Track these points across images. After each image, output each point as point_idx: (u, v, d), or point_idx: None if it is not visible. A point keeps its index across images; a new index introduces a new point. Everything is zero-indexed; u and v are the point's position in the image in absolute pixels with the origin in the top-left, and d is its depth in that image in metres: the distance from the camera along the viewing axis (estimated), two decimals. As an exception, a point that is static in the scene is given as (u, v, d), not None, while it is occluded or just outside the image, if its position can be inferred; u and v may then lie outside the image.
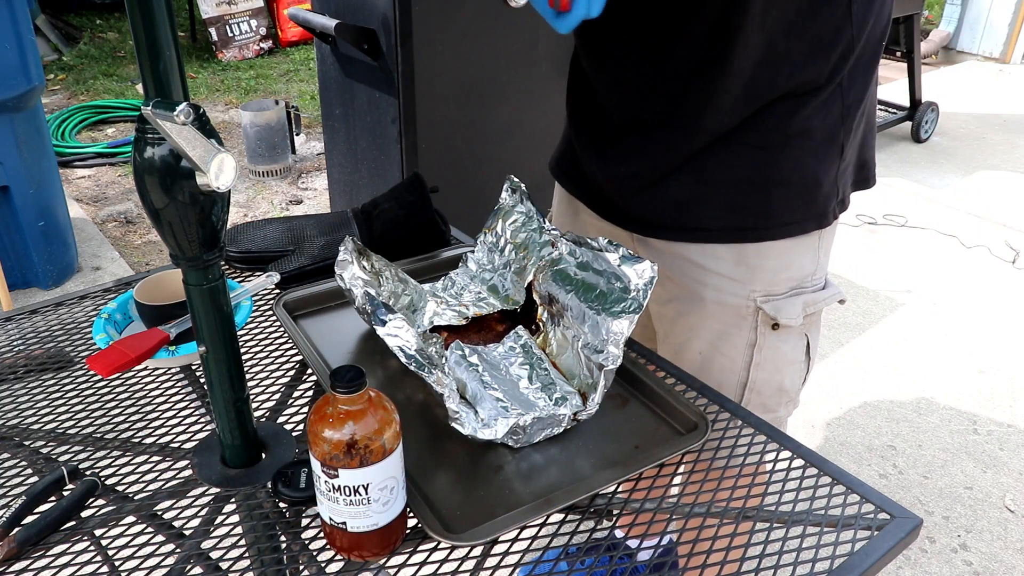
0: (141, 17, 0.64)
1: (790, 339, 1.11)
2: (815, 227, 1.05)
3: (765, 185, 1.01)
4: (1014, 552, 1.95)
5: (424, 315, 1.08)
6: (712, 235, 1.05)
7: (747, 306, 1.08)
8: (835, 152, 1.02)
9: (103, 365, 0.79)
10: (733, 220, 1.04)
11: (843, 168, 1.04)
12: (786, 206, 1.03)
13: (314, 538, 0.77)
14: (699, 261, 1.07)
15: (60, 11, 6.35)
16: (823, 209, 1.05)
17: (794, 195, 1.02)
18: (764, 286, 1.07)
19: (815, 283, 1.10)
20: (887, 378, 2.58)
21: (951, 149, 4.43)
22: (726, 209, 1.03)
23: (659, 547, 0.80)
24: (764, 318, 1.08)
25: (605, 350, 0.89)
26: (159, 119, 0.63)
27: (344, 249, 1.04)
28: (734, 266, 1.06)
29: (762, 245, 1.05)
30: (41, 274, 2.85)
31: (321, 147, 4.11)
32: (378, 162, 2.42)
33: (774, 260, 1.06)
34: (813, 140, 1.00)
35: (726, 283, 1.07)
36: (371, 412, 0.69)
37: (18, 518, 0.77)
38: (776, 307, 1.07)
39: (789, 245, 1.05)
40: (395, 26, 2.10)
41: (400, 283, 1.10)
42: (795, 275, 1.08)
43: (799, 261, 1.07)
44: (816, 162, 1.01)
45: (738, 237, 1.05)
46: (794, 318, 1.07)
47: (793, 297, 1.08)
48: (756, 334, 1.09)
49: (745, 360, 1.11)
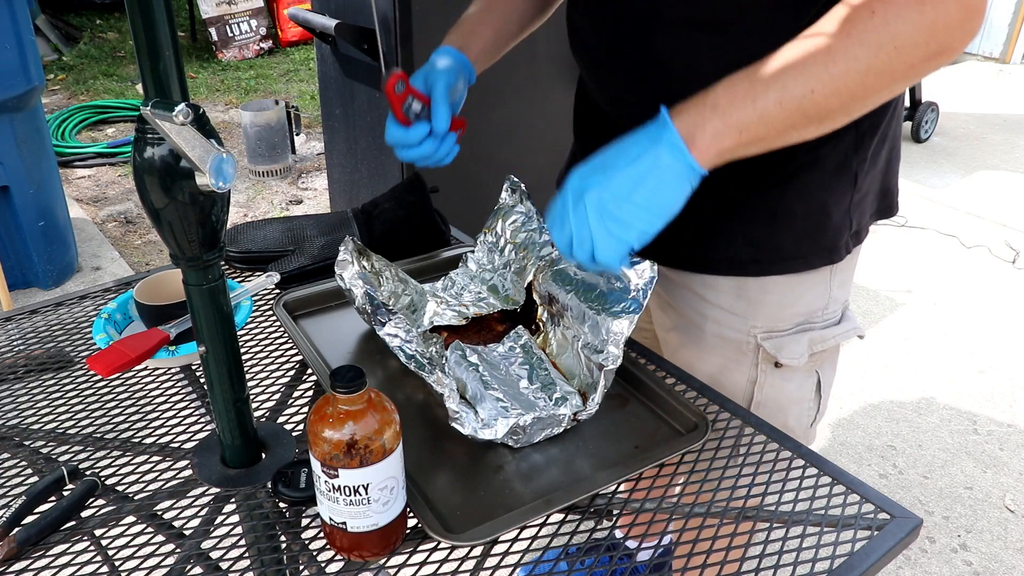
0: (141, 17, 0.64)
1: (795, 378, 1.04)
2: (824, 262, 0.98)
3: (769, 215, 0.96)
4: (1014, 552, 1.95)
5: (424, 315, 1.08)
6: (712, 266, 1.01)
7: (747, 342, 1.02)
8: (847, 181, 0.96)
9: (103, 365, 0.79)
10: (734, 251, 0.98)
11: (858, 199, 0.98)
12: (791, 239, 0.97)
13: (314, 538, 0.77)
14: (700, 291, 1.03)
15: (60, 11, 6.35)
16: (833, 243, 0.98)
17: (800, 227, 0.96)
18: (766, 321, 1.01)
19: (827, 318, 1.03)
20: (887, 378, 2.58)
21: (951, 149, 4.43)
22: (729, 240, 0.98)
23: (659, 547, 0.80)
24: (765, 355, 1.03)
25: (605, 350, 0.89)
26: (158, 119, 0.63)
27: (344, 249, 1.04)
28: (735, 299, 1.01)
29: (764, 279, 0.99)
30: (41, 274, 2.85)
31: (321, 147, 4.11)
32: (378, 162, 2.42)
33: (778, 295, 1.00)
34: (822, 169, 0.94)
35: (726, 316, 1.02)
36: (371, 412, 0.69)
37: (18, 518, 0.77)
38: (778, 345, 1.01)
39: (795, 280, 0.99)
40: (395, 26, 2.10)
41: (400, 283, 1.10)
42: (802, 311, 1.01)
43: (806, 296, 1.01)
44: (825, 192, 0.95)
45: (739, 270, 0.99)
46: (796, 358, 1.01)
47: (798, 334, 1.02)
48: (757, 371, 1.04)
49: (746, 397, 1.06)
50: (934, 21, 0.74)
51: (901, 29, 0.74)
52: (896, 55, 0.75)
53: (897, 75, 0.77)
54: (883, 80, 0.77)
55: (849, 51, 0.75)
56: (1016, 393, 2.52)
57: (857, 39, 0.75)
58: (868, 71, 0.76)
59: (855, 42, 0.75)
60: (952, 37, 0.75)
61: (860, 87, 0.77)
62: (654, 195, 0.78)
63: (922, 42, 0.75)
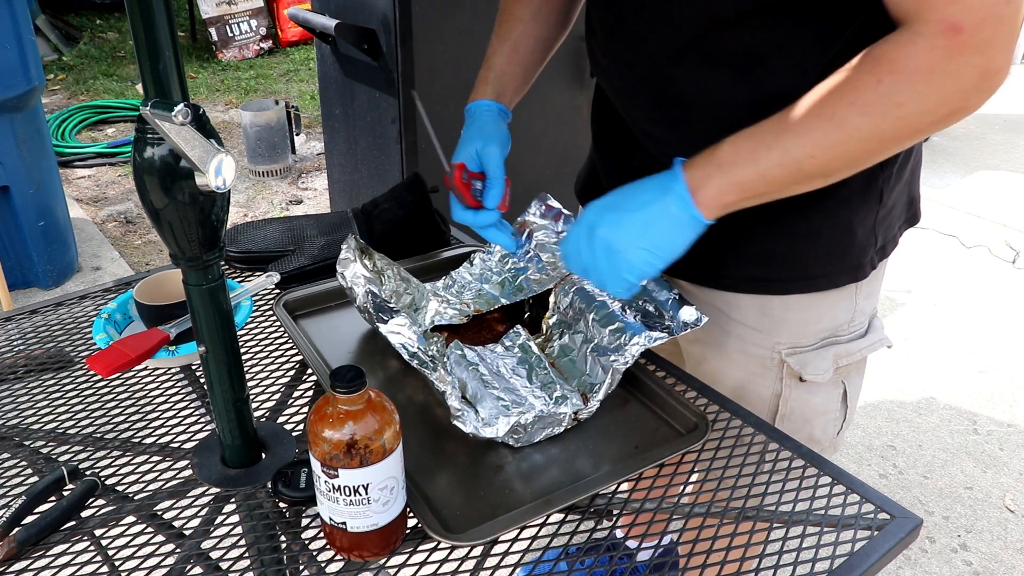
0: (141, 17, 0.64)
1: (821, 391, 1.03)
2: (849, 280, 0.97)
3: (793, 236, 0.95)
4: (1014, 552, 1.95)
5: (426, 314, 1.08)
6: (735, 284, 1.00)
7: (772, 358, 1.01)
8: (873, 199, 0.94)
9: (103, 365, 0.79)
10: (757, 271, 0.97)
11: (883, 214, 0.96)
12: (815, 258, 0.95)
13: (314, 538, 0.77)
14: (722, 308, 1.02)
15: (60, 11, 6.35)
16: (857, 261, 0.96)
17: (824, 246, 0.95)
18: (790, 338, 1.00)
19: (853, 331, 1.02)
20: (887, 378, 2.58)
21: (951, 149, 4.43)
22: (750, 258, 0.97)
23: (659, 547, 0.80)
24: (790, 371, 1.01)
25: (620, 353, 0.91)
26: (157, 119, 0.63)
27: (347, 247, 1.04)
28: (759, 316, 1.00)
29: (787, 298, 0.98)
30: (41, 274, 2.85)
31: (321, 147, 4.10)
32: (378, 162, 2.41)
33: (801, 313, 0.99)
34: (848, 189, 0.91)
35: (749, 333, 1.01)
36: (371, 412, 0.69)
37: (18, 518, 0.77)
38: (802, 361, 1.00)
39: (818, 298, 0.98)
40: (395, 26, 2.10)
41: (402, 282, 1.10)
42: (827, 326, 1.00)
43: (831, 312, 0.99)
44: (850, 212, 0.93)
45: (762, 288, 0.98)
46: (822, 373, 1.00)
47: (822, 349, 1.00)
48: (782, 385, 1.03)
49: (771, 410, 1.05)
50: (944, 87, 0.72)
51: (907, 99, 0.73)
52: (900, 123, 0.74)
53: (902, 138, 0.77)
54: (887, 144, 0.77)
55: (851, 120, 0.75)
56: (1016, 393, 2.52)
57: (861, 109, 0.75)
58: (870, 138, 0.76)
59: (858, 111, 0.75)
60: (967, 100, 0.73)
61: (862, 152, 0.78)
62: (659, 240, 0.83)
63: (930, 110, 0.74)
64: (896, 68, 0.74)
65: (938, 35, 0.71)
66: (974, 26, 0.69)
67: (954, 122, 0.76)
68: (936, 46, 0.71)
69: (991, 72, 0.72)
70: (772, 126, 0.79)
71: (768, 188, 0.80)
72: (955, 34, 0.70)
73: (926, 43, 0.72)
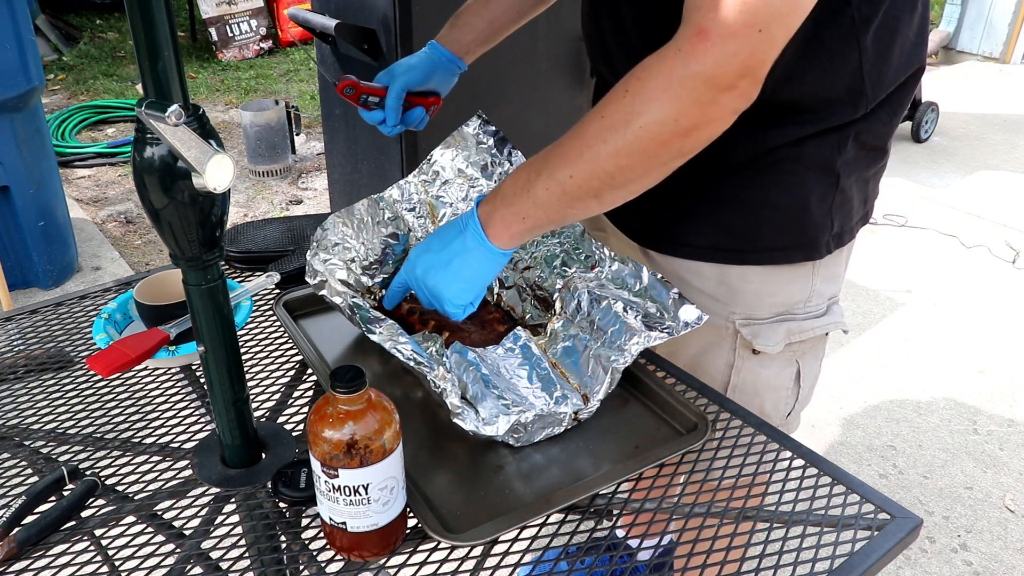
0: (141, 17, 0.64)
1: (773, 365, 1.07)
2: (804, 258, 1.00)
3: (752, 206, 0.98)
4: (1014, 552, 1.95)
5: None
6: (696, 252, 1.03)
7: (726, 327, 1.05)
8: (829, 183, 0.97)
9: (103, 365, 0.79)
10: (718, 239, 1.01)
11: (840, 201, 0.99)
12: (771, 230, 0.99)
13: (314, 538, 0.77)
14: (685, 276, 1.05)
15: (60, 11, 6.35)
16: (813, 239, 1.00)
17: (780, 220, 0.98)
18: (745, 309, 1.04)
19: (809, 310, 1.05)
20: (887, 378, 2.58)
21: (951, 149, 4.43)
22: (712, 227, 1.01)
23: (659, 547, 0.80)
24: (742, 341, 1.05)
25: (622, 352, 0.91)
26: (152, 120, 0.63)
27: (310, 278, 1.02)
28: (717, 285, 1.04)
29: (744, 268, 1.01)
30: (41, 274, 2.85)
31: (321, 147, 4.11)
32: (378, 162, 2.41)
33: (757, 284, 1.02)
34: (804, 165, 0.95)
35: (708, 301, 1.04)
36: (371, 412, 0.69)
37: (18, 518, 0.77)
38: (754, 331, 1.04)
39: (775, 271, 1.01)
40: (395, 26, 2.10)
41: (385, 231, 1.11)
42: (781, 301, 1.04)
43: (787, 288, 1.03)
44: (806, 189, 0.96)
45: (721, 257, 1.02)
46: (773, 345, 1.04)
47: (776, 323, 1.04)
48: (735, 356, 1.06)
49: (724, 380, 1.09)
50: (680, 97, 0.72)
51: (645, 108, 0.73)
52: (643, 133, 0.74)
53: (652, 153, 0.76)
54: (637, 159, 0.77)
55: (599, 133, 0.76)
56: (1016, 393, 2.52)
57: (607, 121, 0.76)
58: (619, 152, 0.76)
59: (606, 124, 0.76)
60: (705, 113, 0.73)
61: (615, 167, 0.77)
62: (466, 274, 0.90)
63: (669, 119, 0.73)
64: (641, 76, 0.74)
65: (685, 40, 0.71)
66: (721, 36, 0.69)
67: (704, 138, 0.76)
68: (680, 51, 0.71)
69: (723, 86, 0.71)
70: (546, 151, 0.82)
71: (548, 214, 0.84)
72: (701, 40, 0.70)
73: (673, 48, 0.72)
